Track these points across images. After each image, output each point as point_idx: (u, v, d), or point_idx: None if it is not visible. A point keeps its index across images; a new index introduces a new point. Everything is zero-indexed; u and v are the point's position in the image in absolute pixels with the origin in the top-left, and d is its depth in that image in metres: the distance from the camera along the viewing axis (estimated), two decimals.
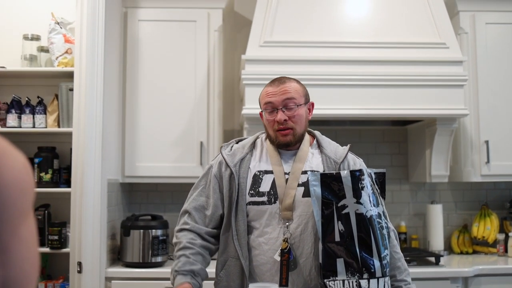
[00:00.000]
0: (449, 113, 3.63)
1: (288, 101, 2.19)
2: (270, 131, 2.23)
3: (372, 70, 3.60)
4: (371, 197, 2.08)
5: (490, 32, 3.98)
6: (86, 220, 3.30)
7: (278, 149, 2.25)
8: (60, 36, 3.66)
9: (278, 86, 2.21)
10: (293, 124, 2.19)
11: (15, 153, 0.91)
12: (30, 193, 0.91)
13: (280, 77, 2.28)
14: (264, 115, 2.25)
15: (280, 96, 2.19)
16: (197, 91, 3.86)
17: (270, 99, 2.20)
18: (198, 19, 3.89)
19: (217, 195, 2.24)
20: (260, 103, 2.28)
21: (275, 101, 2.19)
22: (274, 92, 2.20)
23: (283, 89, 2.20)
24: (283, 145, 2.22)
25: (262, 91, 2.27)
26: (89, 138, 3.36)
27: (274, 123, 2.19)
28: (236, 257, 2.16)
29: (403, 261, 2.24)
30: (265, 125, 2.27)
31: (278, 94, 2.19)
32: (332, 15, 3.74)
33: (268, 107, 2.21)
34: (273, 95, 2.20)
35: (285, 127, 2.18)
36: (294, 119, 2.20)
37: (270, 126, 2.22)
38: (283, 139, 2.20)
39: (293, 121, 2.19)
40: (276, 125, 2.19)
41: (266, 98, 2.22)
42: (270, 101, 2.20)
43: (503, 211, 4.24)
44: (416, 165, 4.12)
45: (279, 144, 2.22)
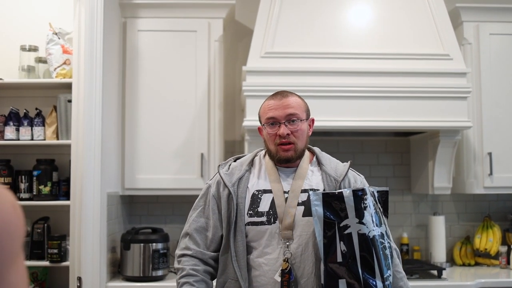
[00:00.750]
0: (452, 125, 3.60)
1: (291, 115, 2.15)
2: (270, 145, 2.19)
3: (375, 82, 3.57)
4: (374, 217, 2.05)
5: (494, 43, 3.94)
6: (86, 234, 3.27)
7: (277, 166, 2.21)
8: (58, 46, 3.62)
9: (281, 100, 2.18)
10: (295, 139, 2.16)
11: (3, 193, 0.87)
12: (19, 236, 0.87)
13: (282, 91, 2.24)
14: (265, 129, 2.21)
15: (282, 110, 2.15)
16: (197, 102, 3.82)
17: (273, 113, 2.16)
18: (199, 29, 3.86)
19: (216, 216, 2.21)
20: (260, 117, 2.25)
21: (277, 115, 2.16)
22: (276, 106, 2.17)
23: (286, 104, 2.17)
24: (284, 160, 2.18)
25: (263, 105, 2.24)
26: (88, 150, 3.33)
27: (276, 137, 2.16)
28: (235, 278, 2.12)
29: (405, 280, 2.22)
30: (265, 140, 2.23)
31: (281, 108, 2.16)
32: (334, 26, 3.70)
33: (269, 121, 2.17)
34: (275, 109, 2.16)
35: (287, 141, 2.15)
36: (297, 133, 2.17)
37: (271, 140, 2.18)
38: (284, 154, 2.16)
39: (295, 136, 2.16)
40: (277, 139, 2.16)
41: (268, 111, 2.18)
42: (272, 116, 2.16)
43: (506, 223, 4.21)
44: (419, 176, 4.08)
45: (280, 160, 2.18)
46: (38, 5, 3.88)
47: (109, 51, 3.62)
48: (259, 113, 2.26)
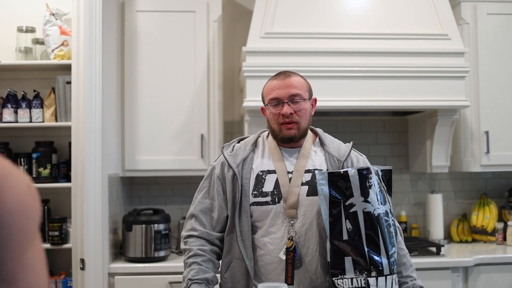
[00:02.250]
0: (450, 105, 3.63)
1: (294, 95, 2.17)
2: (274, 125, 2.21)
3: (373, 62, 3.58)
4: (379, 195, 2.08)
5: (491, 23, 3.96)
6: (88, 216, 3.27)
7: (280, 146, 2.24)
8: (55, 28, 3.59)
9: (284, 80, 2.19)
10: (298, 118, 2.18)
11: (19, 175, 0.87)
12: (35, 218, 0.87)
13: (285, 71, 2.26)
14: (268, 109, 2.22)
15: (285, 90, 2.17)
16: (197, 83, 3.82)
17: (276, 92, 2.18)
18: (197, 10, 3.85)
19: (221, 197, 2.23)
20: (263, 97, 2.26)
21: (281, 95, 2.17)
22: (279, 86, 2.18)
23: (289, 83, 2.18)
24: (287, 139, 2.20)
25: (266, 85, 2.25)
26: (89, 132, 3.31)
27: (279, 117, 2.18)
28: (240, 258, 2.15)
29: (408, 257, 2.25)
30: (268, 120, 2.25)
31: (284, 88, 2.18)
32: (333, 6, 3.70)
33: (273, 101, 2.18)
34: (278, 89, 2.18)
35: (290, 121, 2.17)
36: (300, 113, 2.18)
37: (274, 119, 2.20)
38: (287, 132, 2.18)
39: (298, 115, 2.18)
40: (281, 119, 2.17)
41: (271, 92, 2.20)
42: (276, 96, 2.18)
43: (502, 200, 4.27)
44: (417, 155, 4.12)
45: (283, 139, 2.20)
46: None
47: (108, 32, 3.60)
48: (262, 93, 2.27)
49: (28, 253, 0.85)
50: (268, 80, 2.27)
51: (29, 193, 0.86)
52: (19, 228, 0.83)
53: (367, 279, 1.98)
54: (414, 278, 2.21)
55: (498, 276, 3.60)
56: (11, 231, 0.82)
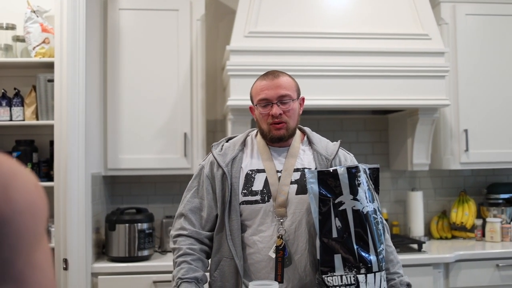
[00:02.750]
0: (431, 104, 3.68)
1: (283, 96, 2.19)
2: (263, 125, 2.22)
3: (355, 61, 3.62)
4: (367, 193, 2.11)
5: (470, 23, 4.04)
6: (71, 216, 3.24)
7: (269, 145, 2.25)
8: (36, 25, 3.55)
9: (273, 80, 2.20)
10: (287, 118, 2.20)
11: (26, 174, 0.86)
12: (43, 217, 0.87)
13: (273, 71, 2.27)
14: (257, 109, 2.23)
15: (274, 91, 2.18)
16: (180, 81, 3.81)
17: (265, 92, 2.19)
18: (180, 8, 3.83)
19: (210, 196, 2.23)
20: (252, 97, 2.27)
21: (270, 95, 2.18)
22: (268, 86, 2.19)
23: (278, 84, 2.19)
24: (276, 139, 2.22)
25: (255, 85, 2.26)
26: (72, 130, 3.28)
27: (268, 117, 2.19)
28: (230, 256, 2.16)
29: (395, 254, 2.29)
30: (257, 120, 2.26)
31: (273, 88, 2.19)
32: (317, 6, 3.73)
33: (262, 102, 2.20)
34: (267, 89, 2.19)
35: (279, 121, 2.18)
36: (289, 113, 2.20)
37: (264, 120, 2.21)
38: (276, 132, 2.20)
39: (287, 116, 2.20)
40: (270, 119, 2.19)
41: (260, 92, 2.21)
42: (265, 96, 2.19)
43: (481, 197, 4.36)
44: (397, 153, 4.17)
45: (272, 138, 2.22)
46: None
47: (91, 30, 3.57)
48: (251, 93, 2.28)
49: (36, 253, 0.84)
50: (257, 80, 2.27)
51: (37, 192, 0.86)
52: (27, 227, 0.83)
53: (357, 276, 2.01)
54: (401, 274, 2.24)
55: (477, 271, 3.67)
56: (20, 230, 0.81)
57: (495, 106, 4.04)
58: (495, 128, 4.03)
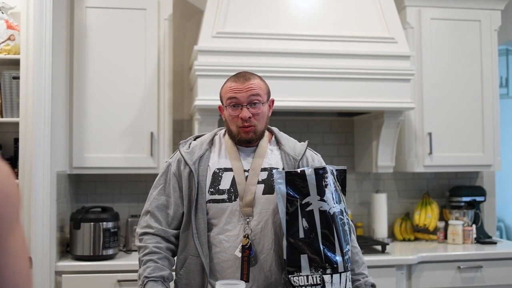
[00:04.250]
0: (396, 107, 3.74)
1: (253, 97, 2.18)
2: (232, 126, 2.22)
3: (322, 63, 3.65)
4: (334, 194, 2.12)
5: (434, 27, 4.11)
6: (35, 214, 3.20)
7: (237, 145, 2.26)
8: (2, 22, 3.50)
9: (244, 83, 2.19)
10: (256, 122, 2.20)
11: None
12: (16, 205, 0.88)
13: (245, 73, 2.26)
14: (226, 110, 2.23)
15: (245, 93, 2.18)
16: (147, 81, 3.80)
17: (236, 95, 2.18)
18: (148, 7, 3.82)
19: (177, 194, 2.23)
20: (222, 97, 2.26)
21: (240, 97, 2.18)
22: (239, 88, 2.18)
23: (249, 86, 2.19)
24: (244, 141, 2.22)
25: (225, 85, 2.25)
26: (38, 128, 3.24)
27: (238, 119, 2.19)
28: (196, 255, 2.16)
29: (360, 255, 2.31)
30: (226, 120, 2.25)
31: (244, 90, 2.18)
32: (284, 8, 3.75)
33: (232, 102, 2.19)
34: (238, 91, 2.18)
35: (248, 125, 2.19)
36: (258, 116, 2.20)
37: (233, 121, 2.21)
38: (245, 136, 2.20)
39: (256, 119, 2.20)
40: (239, 122, 2.19)
41: (230, 93, 2.20)
42: (235, 97, 2.18)
43: (443, 199, 4.44)
44: (363, 155, 4.22)
45: (240, 141, 2.22)
46: None
47: (57, 27, 3.53)
48: (221, 93, 2.27)
49: (10, 241, 0.85)
50: (227, 80, 2.26)
51: (9, 180, 0.87)
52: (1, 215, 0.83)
53: (322, 276, 2.02)
54: (366, 275, 2.28)
55: (439, 273, 3.73)
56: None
57: (459, 110, 4.12)
58: (458, 131, 4.11)
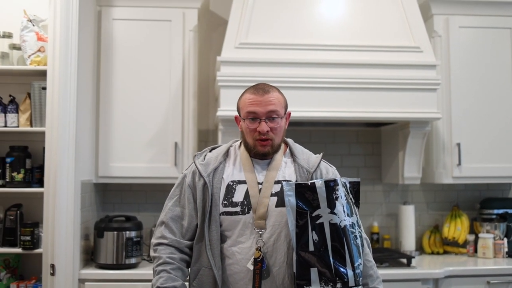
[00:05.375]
0: (422, 117, 3.68)
1: (272, 113, 2.18)
2: (249, 139, 2.22)
3: (347, 73, 3.62)
4: (345, 207, 2.10)
5: (463, 36, 4.03)
6: (59, 222, 3.29)
7: (252, 157, 2.25)
8: (32, 34, 3.61)
9: (263, 96, 2.19)
10: (273, 135, 2.20)
11: None
12: None
13: (263, 85, 2.25)
14: (244, 122, 2.22)
15: (264, 107, 2.17)
16: (171, 91, 3.84)
17: (254, 108, 2.18)
18: (173, 19, 3.87)
19: (191, 205, 2.24)
20: (239, 109, 2.26)
21: (259, 111, 2.17)
22: (258, 101, 2.18)
23: (267, 100, 2.18)
24: (260, 155, 2.22)
25: (244, 97, 2.24)
26: (62, 138, 3.33)
27: (255, 133, 2.19)
28: (208, 266, 2.17)
29: (375, 269, 2.27)
30: (242, 132, 2.26)
31: (263, 104, 2.18)
32: (307, 18, 3.74)
33: (250, 116, 2.19)
34: (257, 104, 2.18)
35: (266, 138, 2.18)
36: (275, 131, 2.20)
37: (250, 134, 2.21)
38: (261, 149, 2.20)
39: (274, 133, 2.20)
40: (257, 135, 2.19)
41: (249, 106, 2.19)
42: (254, 111, 2.18)
43: (474, 212, 4.32)
44: (389, 166, 4.16)
45: (256, 154, 2.22)
46: None
47: (84, 39, 3.61)
48: (239, 104, 2.26)
49: None
50: (245, 91, 2.26)
51: None
52: None
53: None
54: None
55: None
56: None
57: (488, 120, 4.02)
58: (488, 142, 4.01)
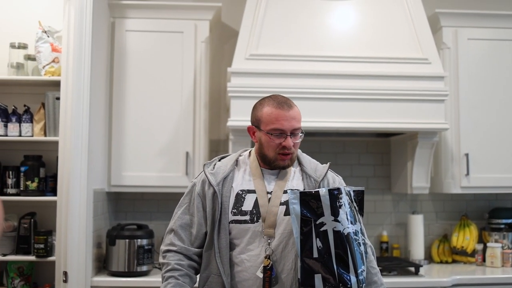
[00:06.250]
0: (430, 127, 3.71)
1: (297, 130, 2.24)
2: (270, 152, 2.25)
3: (356, 84, 3.67)
4: (349, 215, 2.13)
5: (472, 48, 4.06)
6: (72, 230, 3.34)
7: (262, 167, 2.30)
8: (47, 45, 3.69)
9: (288, 112, 2.23)
10: (294, 150, 2.26)
11: None
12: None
13: (285, 99, 2.28)
14: (266, 135, 2.24)
15: (290, 123, 2.22)
16: (183, 102, 3.90)
17: (281, 124, 2.21)
18: (185, 30, 3.94)
19: (200, 214, 2.29)
20: (260, 121, 2.26)
21: (286, 128, 2.22)
22: (285, 117, 2.22)
23: (293, 116, 2.23)
24: (281, 167, 2.27)
25: (267, 111, 2.24)
26: (75, 147, 3.38)
27: (279, 147, 2.23)
28: (218, 273, 2.21)
29: (379, 276, 2.31)
30: (261, 144, 2.27)
31: (289, 120, 2.22)
32: (317, 30, 3.79)
33: (278, 132, 2.22)
34: (284, 120, 2.22)
35: (289, 152, 2.24)
36: (296, 145, 2.27)
37: (271, 147, 2.24)
38: (282, 163, 2.26)
39: (295, 147, 2.26)
40: (280, 149, 2.23)
41: (275, 122, 2.22)
42: (281, 128, 2.21)
43: (482, 221, 4.34)
44: (398, 176, 4.19)
45: (277, 167, 2.27)
46: (28, 4, 3.95)
47: (98, 50, 3.69)
48: (259, 117, 2.26)
49: None
50: (266, 104, 2.27)
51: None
52: None
53: None
54: None
55: None
56: None
57: (496, 131, 4.04)
58: (496, 152, 4.03)
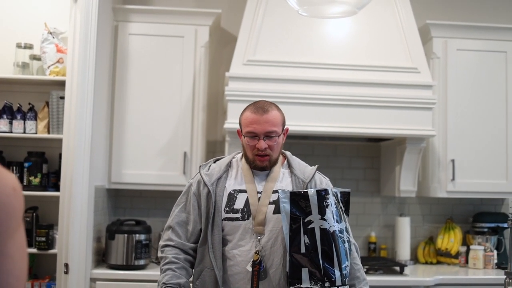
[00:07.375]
0: (417, 134, 3.88)
1: (270, 132, 2.37)
2: (248, 153, 2.42)
3: (348, 91, 3.82)
4: (335, 214, 2.29)
5: (460, 58, 4.22)
6: (73, 224, 3.46)
7: (252, 169, 2.45)
8: (52, 46, 3.79)
9: (262, 116, 2.37)
10: (271, 151, 2.39)
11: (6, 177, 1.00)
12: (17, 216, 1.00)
13: (263, 104, 2.43)
14: (244, 138, 2.42)
15: (262, 126, 2.36)
16: (182, 104, 4.05)
17: (254, 129, 2.36)
18: (186, 35, 4.08)
19: (196, 212, 2.44)
20: (240, 124, 2.45)
21: (258, 130, 2.36)
22: (257, 121, 2.36)
23: (266, 120, 2.36)
24: (259, 168, 2.43)
25: (245, 115, 2.42)
26: (78, 145, 3.51)
27: (254, 148, 2.38)
28: (211, 267, 2.36)
29: (362, 271, 2.46)
30: (243, 146, 2.45)
31: (262, 123, 2.36)
32: (312, 38, 3.95)
33: (250, 134, 2.38)
34: (256, 123, 2.36)
35: (264, 154, 2.38)
36: (273, 147, 2.39)
37: (249, 149, 2.41)
38: (260, 163, 2.41)
39: (271, 149, 2.39)
40: (256, 151, 2.38)
41: (248, 125, 2.38)
42: (253, 131, 2.36)
43: (467, 225, 4.50)
44: (387, 179, 4.35)
45: (255, 167, 2.43)
46: (34, 5, 4.06)
47: (101, 52, 3.81)
48: (240, 121, 2.45)
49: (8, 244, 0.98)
50: (246, 109, 2.44)
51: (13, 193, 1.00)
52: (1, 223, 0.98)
53: None
54: None
55: None
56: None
57: (482, 138, 4.20)
58: (482, 159, 4.19)
